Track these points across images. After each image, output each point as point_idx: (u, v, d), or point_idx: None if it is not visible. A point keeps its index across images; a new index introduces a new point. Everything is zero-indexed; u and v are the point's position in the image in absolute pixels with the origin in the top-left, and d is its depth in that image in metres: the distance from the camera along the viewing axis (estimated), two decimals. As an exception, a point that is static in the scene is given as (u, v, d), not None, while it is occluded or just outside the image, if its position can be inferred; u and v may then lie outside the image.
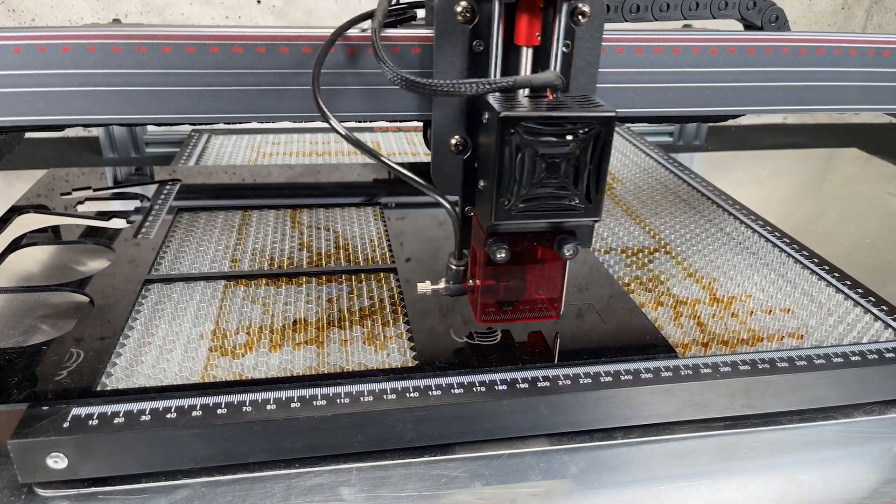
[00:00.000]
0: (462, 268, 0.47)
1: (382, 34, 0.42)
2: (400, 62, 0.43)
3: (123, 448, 0.39)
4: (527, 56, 0.42)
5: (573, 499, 0.41)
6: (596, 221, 0.42)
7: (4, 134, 0.65)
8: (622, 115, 0.49)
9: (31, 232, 0.63)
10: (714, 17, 0.53)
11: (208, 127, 1.04)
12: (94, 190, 0.72)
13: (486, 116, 0.39)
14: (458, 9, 0.40)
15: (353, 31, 0.42)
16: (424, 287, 0.47)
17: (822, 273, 0.61)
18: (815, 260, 0.63)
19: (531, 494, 0.41)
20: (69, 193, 0.71)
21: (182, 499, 0.39)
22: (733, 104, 0.50)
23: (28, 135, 0.71)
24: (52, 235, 0.63)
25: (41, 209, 0.67)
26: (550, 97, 0.40)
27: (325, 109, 0.41)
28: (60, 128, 0.45)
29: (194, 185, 0.75)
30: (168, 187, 0.74)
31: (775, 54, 0.49)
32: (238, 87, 0.43)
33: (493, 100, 0.39)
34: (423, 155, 0.93)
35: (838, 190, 0.92)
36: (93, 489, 0.39)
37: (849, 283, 0.60)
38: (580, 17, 0.41)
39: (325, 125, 0.42)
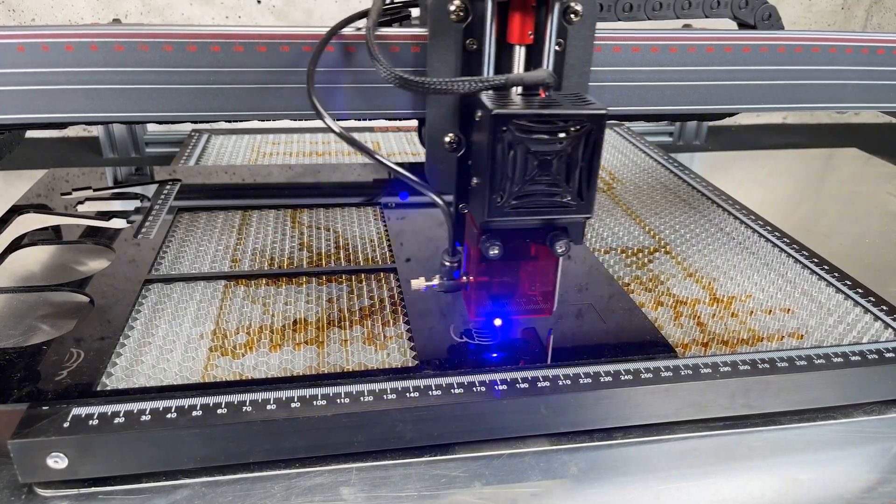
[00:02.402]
0: (456, 264, 0.47)
1: (377, 33, 0.42)
2: (395, 61, 0.43)
3: (123, 448, 0.39)
4: (520, 54, 0.42)
5: (573, 499, 0.41)
6: (588, 218, 0.42)
7: (7, 132, 0.65)
8: (619, 114, 0.49)
9: (31, 232, 0.62)
10: (707, 17, 0.53)
11: (208, 127, 1.04)
12: (94, 190, 0.72)
13: (479, 114, 0.40)
14: (452, 8, 0.40)
15: (347, 30, 0.43)
16: (418, 283, 0.48)
17: (822, 273, 0.61)
18: (815, 260, 0.63)
19: (531, 494, 0.41)
20: (69, 193, 0.71)
21: (182, 499, 0.39)
22: (730, 102, 0.51)
23: (28, 134, 0.71)
24: (52, 235, 0.63)
25: (41, 209, 0.67)
26: (543, 95, 0.40)
27: (320, 108, 0.41)
28: (63, 125, 0.45)
29: (194, 185, 0.75)
30: (168, 187, 0.74)
31: (771, 53, 0.50)
32: (239, 85, 0.43)
33: (486, 98, 0.39)
34: (423, 155, 0.93)
35: (838, 190, 0.92)
36: (93, 489, 0.39)
37: (849, 283, 0.60)
38: (573, 15, 0.41)
39: (325, 124, 0.42)
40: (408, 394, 0.42)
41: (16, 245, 0.60)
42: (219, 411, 0.40)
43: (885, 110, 0.56)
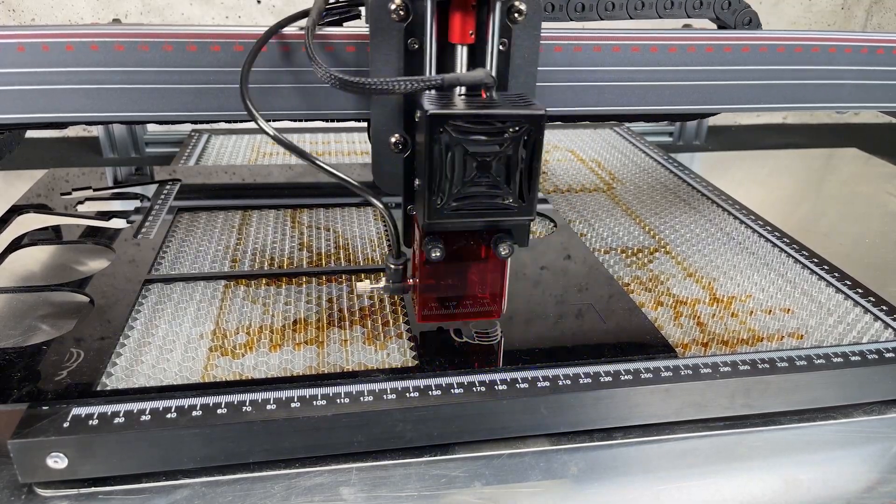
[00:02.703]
0: (401, 267, 0.46)
1: (323, 32, 0.42)
2: (338, 61, 0.43)
3: (123, 448, 0.39)
4: (462, 54, 0.41)
5: (573, 499, 0.41)
6: (530, 220, 0.42)
7: (7, 132, 0.65)
8: (619, 113, 0.49)
9: (31, 232, 0.63)
10: (660, 17, 0.53)
11: (208, 127, 1.04)
12: (94, 190, 0.72)
13: (418, 115, 0.39)
14: (392, 7, 0.40)
15: (290, 30, 0.42)
16: (364, 286, 0.47)
17: (822, 273, 0.61)
18: (815, 260, 0.64)
19: (531, 494, 0.41)
20: (69, 193, 0.71)
21: (182, 499, 0.39)
22: (729, 102, 0.51)
23: (28, 134, 0.71)
24: (52, 235, 0.63)
25: (41, 209, 0.67)
26: (484, 96, 0.40)
27: (253, 109, 0.41)
28: (63, 125, 0.45)
29: (194, 185, 0.75)
30: (168, 187, 0.74)
31: (770, 53, 0.50)
32: (238, 84, 0.43)
33: (426, 98, 0.39)
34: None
35: (838, 190, 0.92)
36: (93, 489, 0.39)
37: (849, 283, 0.60)
38: (517, 15, 0.41)
39: (327, 124, 0.42)
40: (408, 394, 0.42)
41: (16, 245, 0.60)
42: (219, 411, 0.40)
43: (884, 110, 0.56)
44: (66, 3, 1.13)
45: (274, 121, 0.44)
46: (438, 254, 0.42)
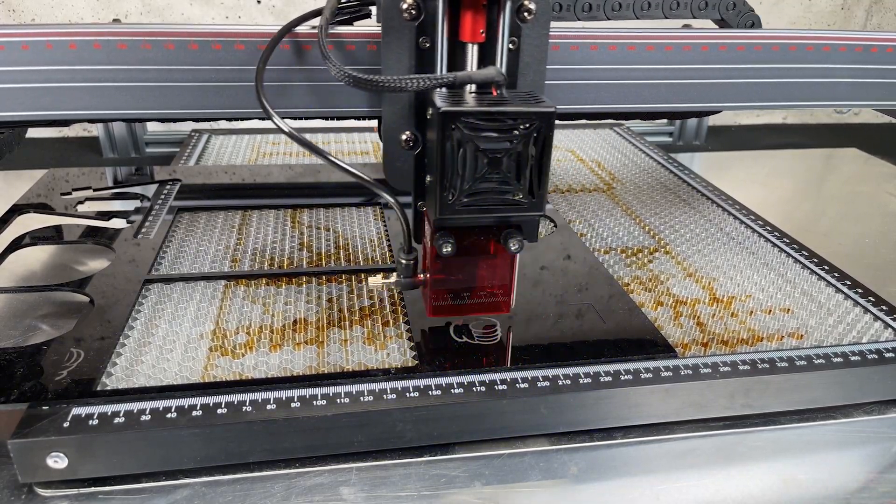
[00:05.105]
0: (412, 262, 0.47)
1: (334, 31, 0.42)
2: (350, 59, 0.43)
3: (123, 448, 0.39)
4: (472, 53, 0.42)
5: (573, 499, 0.41)
6: (540, 216, 0.43)
7: (11, 129, 0.65)
8: (617, 111, 0.50)
9: (31, 232, 0.63)
10: (666, 17, 0.53)
11: (208, 126, 1.04)
12: (95, 190, 0.72)
13: (430, 112, 0.40)
14: (404, 6, 0.40)
15: (302, 28, 0.43)
16: (376, 281, 0.48)
17: (822, 273, 0.61)
18: (815, 260, 0.64)
19: (531, 494, 0.41)
20: (69, 193, 0.71)
21: (182, 499, 0.39)
22: (726, 100, 0.51)
23: (29, 134, 0.72)
24: (52, 235, 0.63)
25: (41, 209, 0.67)
26: (494, 93, 0.41)
27: (269, 107, 0.41)
28: (66, 123, 0.45)
29: (194, 185, 0.75)
30: (168, 187, 0.74)
31: (765, 51, 0.50)
32: (239, 83, 0.43)
33: (437, 96, 0.39)
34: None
35: (838, 190, 0.92)
36: (93, 489, 0.39)
37: (848, 282, 0.60)
38: (526, 14, 0.41)
39: (327, 123, 0.42)
40: (408, 394, 0.42)
41: (16, 245, 0.60)
42: (219, 411, 0.40)
43: (879, 108, 0.56)
44: (66, 3, 1.13)
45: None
46: (450, 249, 0.43)
